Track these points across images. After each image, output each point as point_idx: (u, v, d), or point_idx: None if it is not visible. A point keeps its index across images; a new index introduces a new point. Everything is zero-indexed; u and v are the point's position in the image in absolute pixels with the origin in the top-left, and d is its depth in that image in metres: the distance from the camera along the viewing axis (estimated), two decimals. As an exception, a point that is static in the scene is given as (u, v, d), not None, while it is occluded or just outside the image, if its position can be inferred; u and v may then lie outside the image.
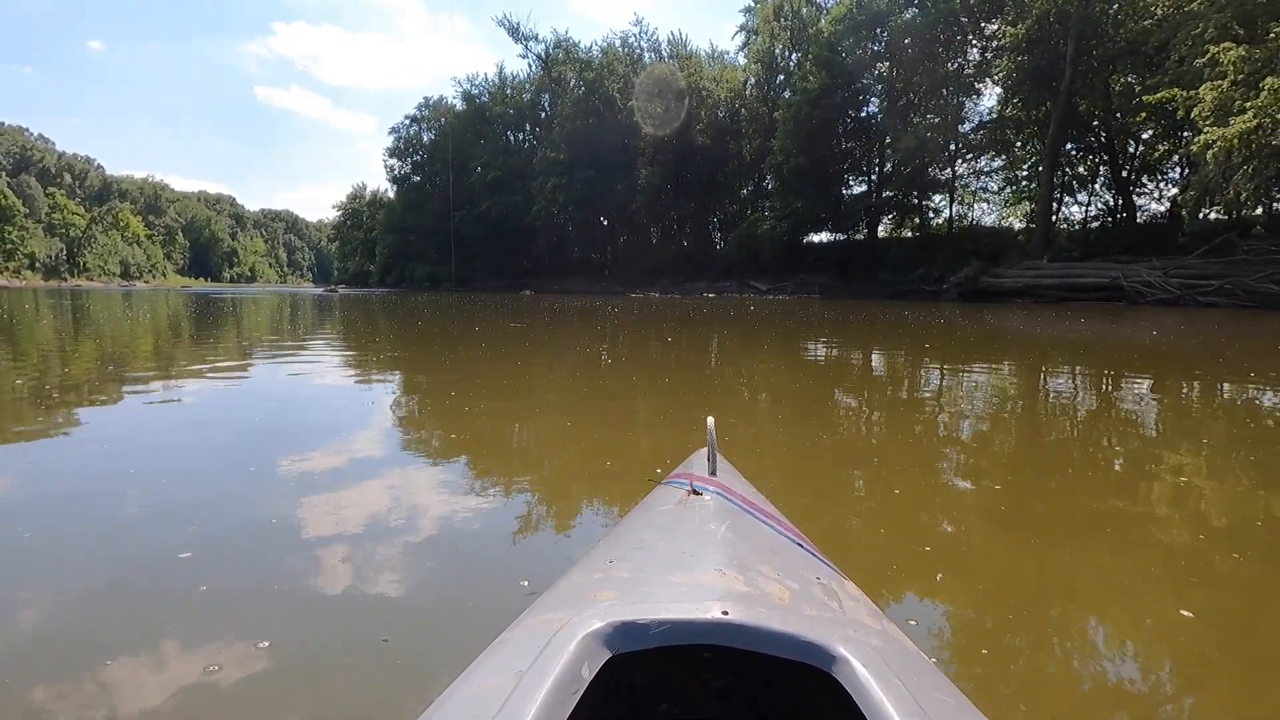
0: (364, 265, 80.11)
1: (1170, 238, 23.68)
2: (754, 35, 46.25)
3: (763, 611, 0.63)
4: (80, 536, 1.93)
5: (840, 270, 35.73)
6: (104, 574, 1.67)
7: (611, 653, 0.59)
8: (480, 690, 0.55)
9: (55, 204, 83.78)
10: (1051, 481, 2.69)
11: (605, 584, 0.75)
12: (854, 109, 37.42)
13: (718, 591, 0.67)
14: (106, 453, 2.88)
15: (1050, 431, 3.71)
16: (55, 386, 4.68)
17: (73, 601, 1.52)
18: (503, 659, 0.60)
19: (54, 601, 1.53)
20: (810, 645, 0.59)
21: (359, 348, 8.18)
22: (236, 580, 1.63)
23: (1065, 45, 26.75)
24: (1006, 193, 36.32)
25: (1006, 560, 1.91)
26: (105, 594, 1.56)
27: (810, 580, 0.80)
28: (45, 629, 1.41)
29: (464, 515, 2.12)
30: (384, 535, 1.95)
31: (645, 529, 0.97)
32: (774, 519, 1.05)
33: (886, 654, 0.60)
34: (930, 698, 0.55)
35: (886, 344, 9.01)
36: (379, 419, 3.71)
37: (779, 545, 0.92)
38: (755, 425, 3.63)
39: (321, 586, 1.61)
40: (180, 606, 1.49)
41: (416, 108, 70.27)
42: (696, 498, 1.02)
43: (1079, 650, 1.43)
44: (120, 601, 1.53)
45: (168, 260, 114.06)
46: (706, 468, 1.15)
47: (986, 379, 5.76)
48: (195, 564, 1.71)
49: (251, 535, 1.93)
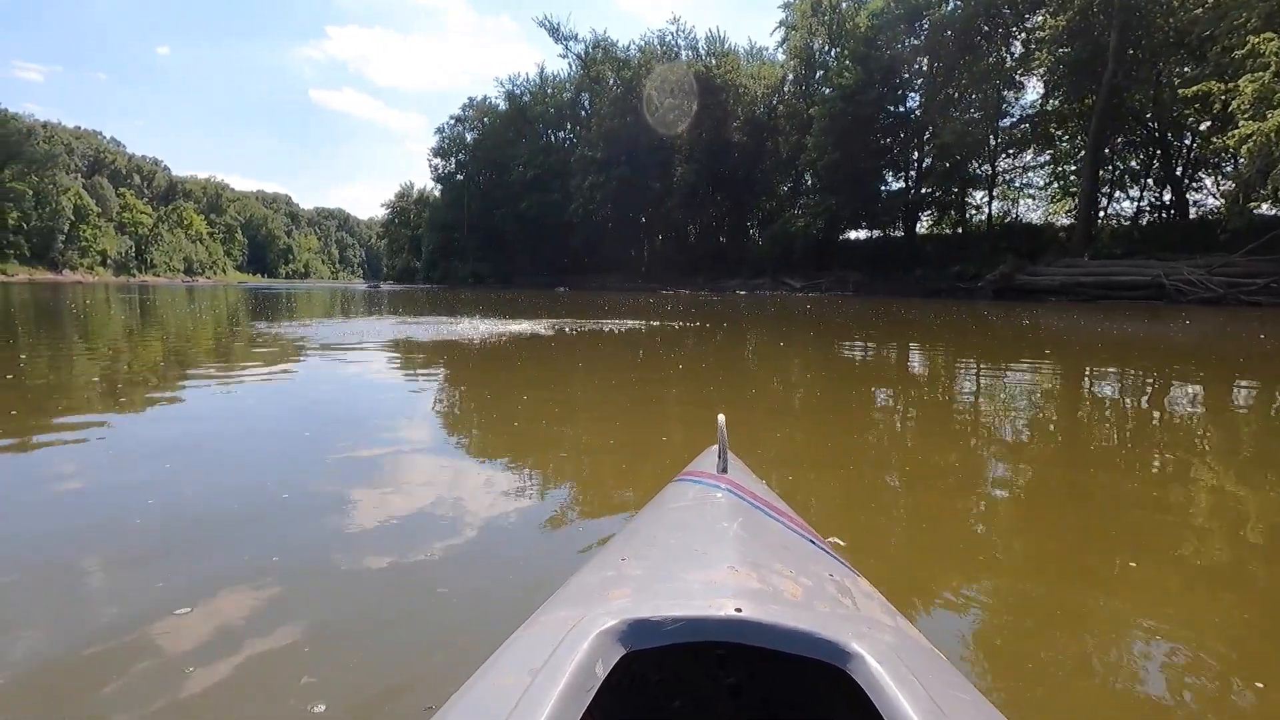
0: (410, 262, 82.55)
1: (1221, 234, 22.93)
2: (793, 31, 46.03)
3: (776, 609, 0.63)
4: (252, 446, 2.72)
5: (875, 267, 35.46)
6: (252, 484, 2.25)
7: (625, 649, 0.60)
8: (496, 687, 0.55)
9: (125, 204, 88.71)
10: (1083, 485, 2.63)
11: (618, 581, 0.76)
12: (891, 104, 36.98)
13: (731, 589, 0.67)
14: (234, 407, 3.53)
15: (1068, 434, 3.58)
16: (163, 365, 5.43)
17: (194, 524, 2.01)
18: (517, 656, 0.61)
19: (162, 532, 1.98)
20: (824, 642, 0.59)
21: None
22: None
23: (1108, 36, 26.02)
24: (1053, 188, 35.45)
25: (1033, 564, 1.88)
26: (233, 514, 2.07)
27: (823, 577, 0.80)
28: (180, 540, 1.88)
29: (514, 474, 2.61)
30: (456, 488, 2.38)
31: (657, 526, 0.98)
32: (786, 516, 1.05)
33: (902, 651, 0.60)
34: (946, 695, 0.55)
35: (896, 340, 9.11)
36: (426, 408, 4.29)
37: (791, 542, 0.92)
38: (753, 426, 3.58)
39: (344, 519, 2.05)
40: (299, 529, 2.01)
41: (461, 108, 72.07)
42: (708, 495, 1.03)
43: (1114, 666, 1.37)
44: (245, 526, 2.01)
45: (227, 257, 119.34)
46: (718, 465, 1.15)
47: (1001, 379, 5.63)
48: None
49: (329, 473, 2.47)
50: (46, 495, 2.26)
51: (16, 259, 66.97)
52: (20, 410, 3.64)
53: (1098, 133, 28.12)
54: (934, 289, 29.66)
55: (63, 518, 2.05)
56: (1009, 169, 36.12)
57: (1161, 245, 24.62)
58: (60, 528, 1.96)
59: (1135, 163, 32.45)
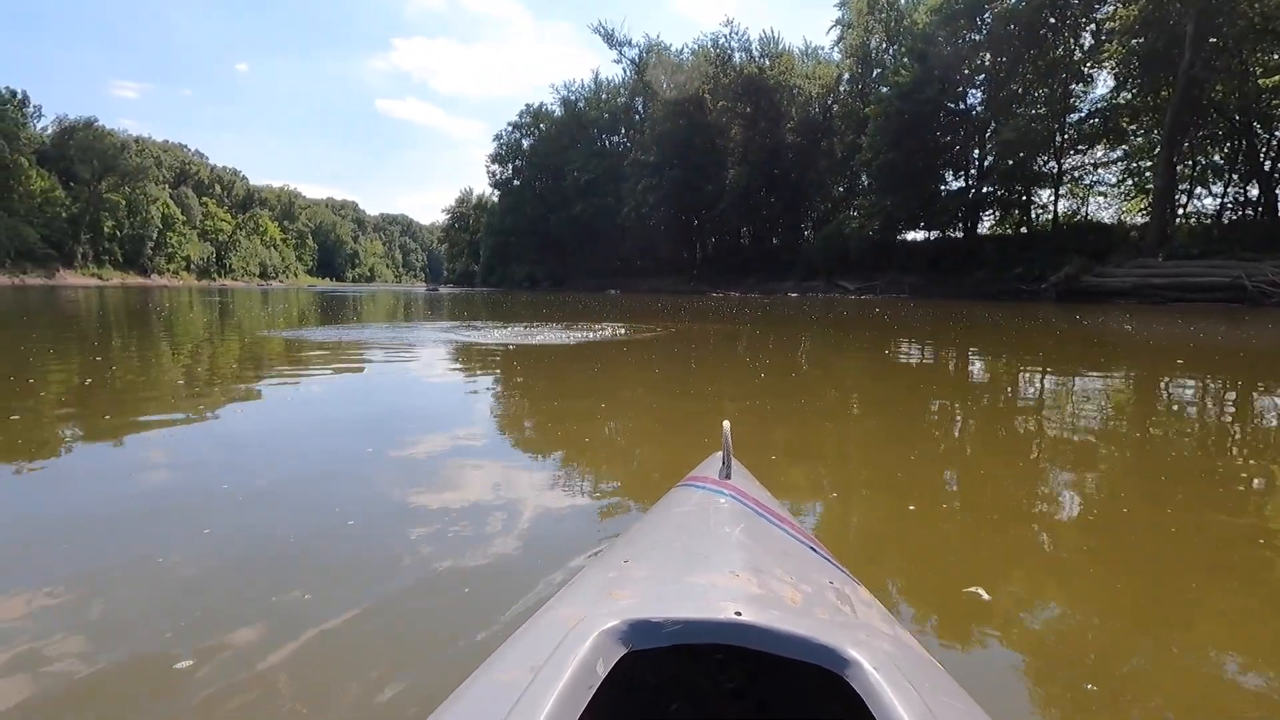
0: (469, 266, 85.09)
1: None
2: (849, 29, 45.36)
3: (776, 614, 0.64)
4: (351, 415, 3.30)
5: (932, 269, 34.57)
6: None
7: (626, 649, 0.60)
8: (497, 683, 0.56)
9: (208, 212, 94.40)
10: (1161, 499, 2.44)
11: (620, 583, 0.76)
12: (951, 101, 35.97)
13: (731, 593, 0.68)
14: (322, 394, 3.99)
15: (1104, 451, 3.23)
16: (255, 360, 6.00)
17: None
18: (519, 653, 0.61)
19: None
20: (823, 648, 0.59)
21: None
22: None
23: (1185, 25, 24.71)
24: (1126, 185, 33.76)
25: (1106, 593, 1.72)
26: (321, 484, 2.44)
27: (823, 584, 0.81)
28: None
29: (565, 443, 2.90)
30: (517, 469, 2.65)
31: (660, 529, 0.99)
32: (787, 523, 1.06)
33: (899, 659, 0.61)
34: (942, 703, 0.56)
35: (955, 345, 8.82)
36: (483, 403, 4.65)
37: (792, 549, 0.93)
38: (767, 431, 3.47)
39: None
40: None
41: (518, 114, 73.95)
42: (712, 500, 1.05)
43: (1199, 693, 1.27)
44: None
45: (299, 261, 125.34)
46: (721, 471, 1.17)
47: (1069, 387, 5.29)
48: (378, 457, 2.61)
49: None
50: (136, 484, 2.54)
51: (111, 264, 72.15)
52: (112, 405, 4.10)
53: (1174, 126, 26.68)
54: (994, 291, 28.73)
55: (148, 501, 2.30)
56: (1077, 166, 34.63)
57: (1244, 244, 23.15)
58: (147, 509, 2.19)
59: (1219, 157, 30.61)
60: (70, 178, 67.84)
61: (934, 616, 1.54)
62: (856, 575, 1.00)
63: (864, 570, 1.38)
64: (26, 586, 1.59)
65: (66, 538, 1.93)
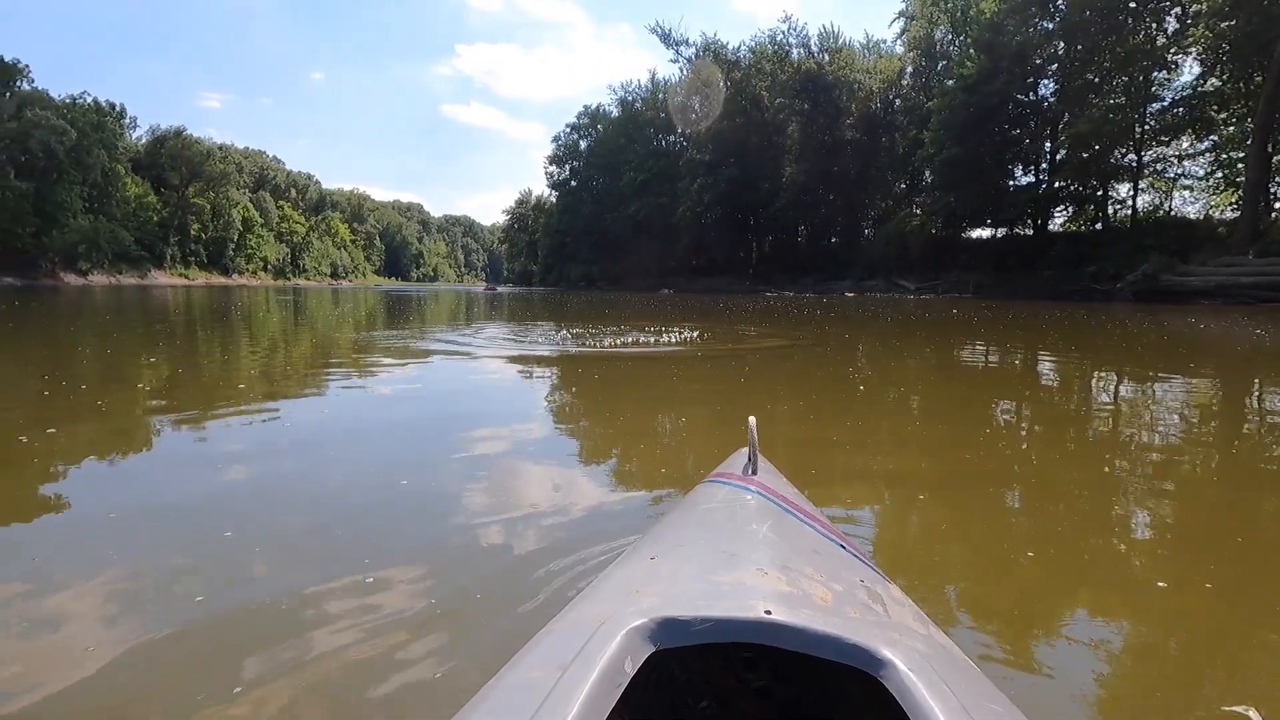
0: (528, 266, 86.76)
1: None
2: (912, 21, 44.15)
3: (806, 612, 0.63)
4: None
5: (998, 267, 33.31)
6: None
7: (654, 647, 0.60)
8: (526, 680, 0.56)
9: (284, 215, 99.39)
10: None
11: (648, 580, 0.76)
12: (1020, 93, 34.55)
13: (760, 591, 0.67)
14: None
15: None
16: (338, 355, 6.48)
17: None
18: (547, 651, 0.61)
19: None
20: (855, 647, 0.58)
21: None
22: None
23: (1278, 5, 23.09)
24: (1216, 178, 31.67)
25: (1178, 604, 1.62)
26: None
27: (854, 583, 0.80)
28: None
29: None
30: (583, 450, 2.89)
31: (687, 527, 0.98)
32: (816, 520, 1.04)
33: (933, 659, 0.60)
34: (979, 705, 0.54)
35: (1024, 348, 8.24)
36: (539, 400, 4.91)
37: (821, 546, 0.92)
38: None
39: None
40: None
41: (576, 116, 74.86)
42: (738, 496, 1.04)
43: None
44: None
45: (367, 262, 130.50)
46: (747, 467, 1.16)
47: (1149, 392, 4.99)
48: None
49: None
50: (215, 476, 2.61)
51: (196, 265, 76.84)
52: (196, 398, 4.46)
53: (1268, 114, 24.91)
54: (1065, 291, 27.45)
55: (223, 489, 2.44)
56: (1159, 158, 32.70)
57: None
58: (220, 496, 2.35)
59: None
60: (161, 184, 72.44)
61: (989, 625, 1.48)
62: (890, 576, 0.96)
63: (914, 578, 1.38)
64: (140, 553, 1.85)
65: (182, 513, 2.17)
